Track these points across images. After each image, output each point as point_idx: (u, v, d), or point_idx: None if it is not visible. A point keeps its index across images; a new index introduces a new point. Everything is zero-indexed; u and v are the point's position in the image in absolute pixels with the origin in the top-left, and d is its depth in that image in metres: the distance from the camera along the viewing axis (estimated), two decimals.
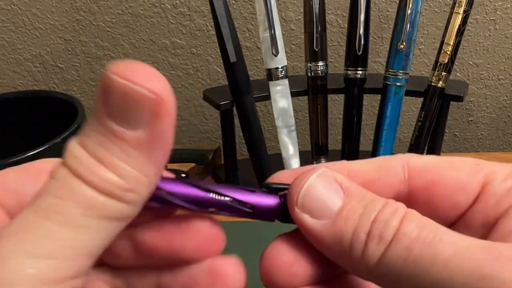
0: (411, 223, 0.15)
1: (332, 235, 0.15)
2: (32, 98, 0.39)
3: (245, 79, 0.44)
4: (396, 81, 0.45)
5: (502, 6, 0.56)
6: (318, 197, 0.16)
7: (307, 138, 0.63)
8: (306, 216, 0.16)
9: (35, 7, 0.57)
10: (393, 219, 0.15)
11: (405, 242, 0.14)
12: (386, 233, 0.15)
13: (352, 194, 0.16)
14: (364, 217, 0.15)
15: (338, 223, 0.15)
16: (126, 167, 0.14)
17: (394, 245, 0.14)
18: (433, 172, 0.17)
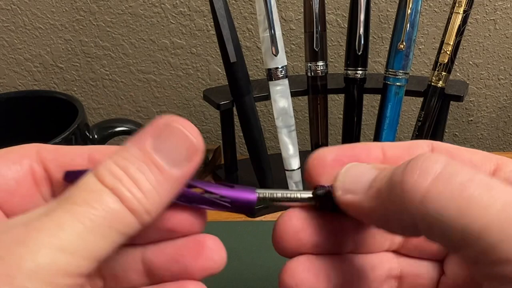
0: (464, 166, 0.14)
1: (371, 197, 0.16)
2: (32, 98, 0.39)
3: (245, 79, 0.44)
4: (396, 81, 0.45)
5: (502, 6, 0.56)
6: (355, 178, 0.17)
7: (307, 138, 0.63)
8: (349, 195, 0.17)
9: (35, 7, 0.57)
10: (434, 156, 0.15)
11: (459, 179, 0.14)
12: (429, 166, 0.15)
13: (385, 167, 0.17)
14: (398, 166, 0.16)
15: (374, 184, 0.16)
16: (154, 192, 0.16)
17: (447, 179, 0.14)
18: (452, 152, 0.19)
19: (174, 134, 0.17)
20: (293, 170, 0.46)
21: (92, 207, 0.15)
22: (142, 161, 0.16)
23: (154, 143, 0.16)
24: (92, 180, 0.16)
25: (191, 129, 0.17)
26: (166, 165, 0.16)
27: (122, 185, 0.15)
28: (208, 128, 0.65)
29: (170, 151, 0.16)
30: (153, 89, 0.62)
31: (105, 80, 0.62)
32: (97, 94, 0.63)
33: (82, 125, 0.34)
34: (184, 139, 0.17)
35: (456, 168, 0.14)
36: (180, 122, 0.17)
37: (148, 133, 0.17)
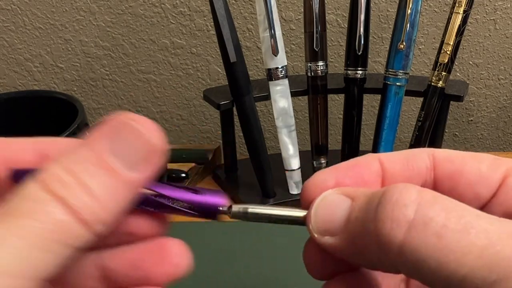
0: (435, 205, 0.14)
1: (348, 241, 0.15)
2: (32, 98, 0.39)
3: (245, 79, 0.44)
4: (396, 81, 0.45)
5: (502, 6, 0.56)
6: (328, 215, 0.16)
7: (307, 138, 0.63)
8: (326, 238, 0.16)
9: (35, 7, 0.57)
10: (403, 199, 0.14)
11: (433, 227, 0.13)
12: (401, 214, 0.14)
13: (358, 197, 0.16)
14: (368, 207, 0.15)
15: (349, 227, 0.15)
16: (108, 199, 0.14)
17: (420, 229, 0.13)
18: (457, 162, 0.18)
19: (131, 134, 0.15)
20: (293, 170, 0.46)
21: (35, 220, 0.13)
22: (95, 164, 0.14)
23: (108, 144, 0.15)
24: (35, 188, 0.14)
25: (149, 127, 0.15)
26: (122, 168, 0.15)
27: (71, 193, 0.14)
28: (208, 128, 0.65)
29: (126, 153, 0.15)
30: (153, 89, 0.62)
31: (105, 80, 0.62)
32: (97, 94, 0.63)
33: (82, 125, 0.34)
34: (141, 139, 0.15)
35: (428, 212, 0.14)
36: (137, 121, 0.15)
37: (103, 133, 0.15)
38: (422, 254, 0.13)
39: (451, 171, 0.18)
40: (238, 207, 0.17)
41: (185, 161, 0.51)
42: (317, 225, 0.16)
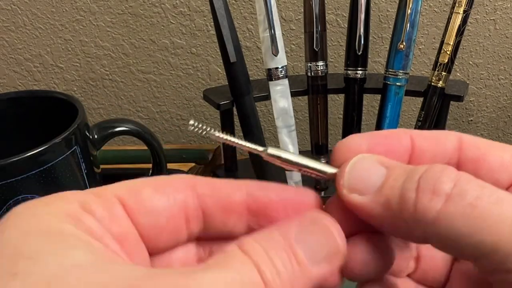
0: (471, 182, 0.15)
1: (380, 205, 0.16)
2: (32, 98, 0.39)
3: (245, 79, 0.44)
4: (396, 81, 0.45)
5: (502, 6, 0.56)
6: (362, 176, 0.17)
7: (307, 138, 0.63)
8: (354, 195, 0.17)
9: (35, 7, 0.57)
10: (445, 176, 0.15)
11: (468, 198, 0.14)
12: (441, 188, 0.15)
13: (394, 167, 0.17)
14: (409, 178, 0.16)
15: (384, 192, 0.16)
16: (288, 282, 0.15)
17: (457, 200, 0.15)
18: (482, 148, 0.18)
19: (320, 230, 0.16)
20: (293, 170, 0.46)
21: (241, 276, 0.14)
22: (283, 248, 0.15)
23: (298, 234, 0.16)
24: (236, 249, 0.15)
25: (337, 228, 0.16)
26: (306, 260, 0.15)
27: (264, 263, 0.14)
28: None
29: (312, 247, 0.16)
30: (153, 89, 0.62)
31: (105, 80, 0.62)
32: (97, 94, 0.63)
33: (82, 125, 0.34)
34: (329, 237, 0.16)
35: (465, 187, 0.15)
36: (328, 220, 0.16)
37: (294, 223, 0.16)
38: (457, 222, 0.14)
39: (475, 156, 0.18)
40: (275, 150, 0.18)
41: (185, 161, 0.51)
42: (349, 182, 0.17)
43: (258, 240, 0.15)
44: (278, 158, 0.18)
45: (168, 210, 0.17)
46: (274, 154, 0.18)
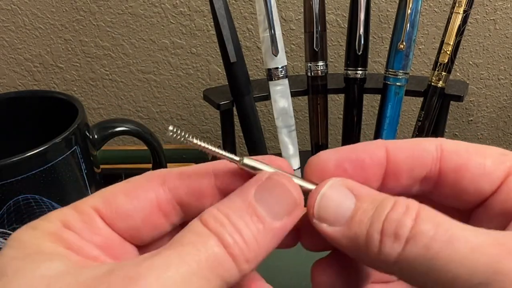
0: (427, 222, 0.15)
1: (349, 239, 0.17)
2: (32, 98, 0.39)
3: (245, 79, 0.44)
4: (396, 81, 0.45)
5: (502, 6, 0.56)
6: (331, 207, 0.17)
7: (307, 138, 0.63)
8: (324, 225, 0.17)
9: (35, 7, 0.57)
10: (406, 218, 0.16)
11: (423, 240, 0.15)
12: (401, 231, 0.15)
13: (363, 197, 0.17)
14: (375, 217, 0.16)
15: (352, 227, 0.17)
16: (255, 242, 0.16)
17: (413, 243, 0.15)
18: (463, 156, 0.18)
19: (277, 188, 0.17)
20: (293, 170, 0.46)
21: (197, 249, 0.15)
22: (245, 210, 0.16)
23: (257, 195, 0.17)
24: (198, 225, 0.16)
25: (293, 184, 0.17)
26: (268, 217, 0.16)
27: (225, 231, 0.16)
28: (208, 128, 0.65)
29: (272, 204, 0.17)
30: (153, 89, 0.62)
31: (105, 80, 0.62)
32: (97, 94, 0.63)
33: (82, 125, 0.34)
34: (286, 193, 0.17)
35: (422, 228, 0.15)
36: (282, 176, 0.17)
37: (252, 185, 0.17)
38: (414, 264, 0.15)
39: (456, 164, 0.18)
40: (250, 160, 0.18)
41: (185, 161, 0.51)
42: (319, 212, 0.18)
43: (219, 208, 0.16)
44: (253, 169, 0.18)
45: (142, 211, 0.18)
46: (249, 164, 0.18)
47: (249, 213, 0.16)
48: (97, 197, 0.18)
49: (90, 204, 0.18)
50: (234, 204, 0.17)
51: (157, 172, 0.19)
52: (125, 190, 0.18)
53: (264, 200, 0.17)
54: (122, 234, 0.18)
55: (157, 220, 0.18)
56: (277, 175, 0.18)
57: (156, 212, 0.18)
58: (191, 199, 0.19)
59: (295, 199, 0.17)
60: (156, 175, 0.19)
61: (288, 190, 0.17)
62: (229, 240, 0.15)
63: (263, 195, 0.17)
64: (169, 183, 0.18)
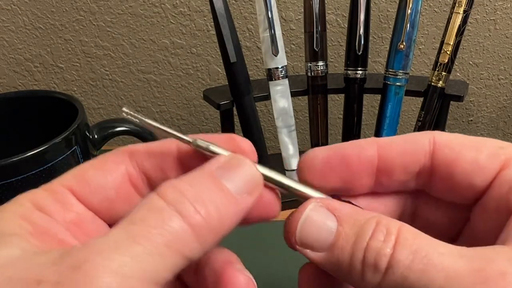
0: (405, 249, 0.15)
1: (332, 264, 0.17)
2: (32, 98, 0.39)
3: (245, 79, 0.44)
4: (396, 81, 0.45)
5: (502, 6, 0.56)
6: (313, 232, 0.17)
7: (307, 138, 0.63)
8: (307, 251, 0.17)
9: (35, 7, 0.57)
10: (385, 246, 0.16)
11: (400, 269, 0.15)
12: (380, 262, 0.16)
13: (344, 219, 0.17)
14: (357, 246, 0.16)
15: (335, 253, 0.17)
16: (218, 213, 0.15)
17: (390, 273, 0.15)
18: (455, 149, 0.18)
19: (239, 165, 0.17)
20: (293, 170, 0.46)
21: (150, 226, 0.14)
22: (209, 182, 0.16)
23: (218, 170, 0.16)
24: (153, 197, 0.15)
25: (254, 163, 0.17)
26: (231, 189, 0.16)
27: (184, 199, 0.15)
28: (208, 128, 0.65)
29: (235, 180, 0.16)
30: (153, 89, 0.62)
31: (105, 80, 0.62)
32: (97, 94, 0.63)
33: (82, 125, 0.34)
34: (250, 171, 0.17)
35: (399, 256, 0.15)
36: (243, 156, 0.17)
37: (213, 163, 0.17)
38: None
39: (449, 159, 0.18)
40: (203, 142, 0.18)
41: None
42: (301, 239, 0.18)
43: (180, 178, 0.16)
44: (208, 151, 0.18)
45: (113, 182, 0.18)
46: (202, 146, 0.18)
47: (212, 183, 0.16)
48: (68, 176, 0.18)
49: (62, 183, 0.18)
50: (196, 175, 0.16)
51: (125, 147, 0.19)
52: (95, 165, 0.18)
53: (227, 176, 0.16)
54: (95, 209, 0.18)
55: (129, 192, 0.18)
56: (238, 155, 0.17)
57: (127, 184, 0.18)
58: (156, 172, 0.19)
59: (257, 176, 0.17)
60: (124, 150, 0.19)
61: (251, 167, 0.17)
62: (190, 209, 0.15)
63: (226, 171, 0.17)
64: (136, 158, 0.19)
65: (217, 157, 0.17)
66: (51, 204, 0.17)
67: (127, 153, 0.19)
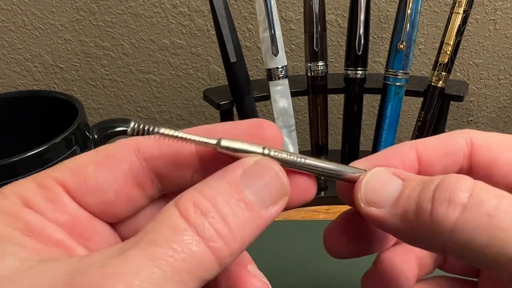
0: (488, 191, 0.15)
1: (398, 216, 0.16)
2: (32, 98, 0.39)
3: (245, 79, 0.44)
4: (396, 81, 0.45)
5: (502, 6, 0.56)
6: (378, 189, 0.17)
7: (307, 138, 0.63)
8: (372, 208, 0.17)
9: (35, 7, 0.57)
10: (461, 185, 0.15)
11: (485, 208, 0.14)
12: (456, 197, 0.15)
13: (410, 179, 0.17)
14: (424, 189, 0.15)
15: (400, 203, 0.16)
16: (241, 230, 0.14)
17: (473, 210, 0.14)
18: (495, 150, 0.18)
19: (266, 173, 0.15)
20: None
21: (172, 249, 0.13)
22: (231, 195, 0.14)
23: (244, 178, 0.15)
24: (174, 214, 0.14)
25: (281, 169, 0.16)
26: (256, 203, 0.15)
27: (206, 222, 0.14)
28: None
29: (260, 190, 0.15)
30: (153, 89, 0.62)
31: (105, 80, 0.62)
32: (97, 94, 0.63)
33: (82, 125, 0.34)
34: (276, 180, 0.16)
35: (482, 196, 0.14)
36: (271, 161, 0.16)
37: (237, 167, 0.15)
38: (473, 232, 0.14)
39: (487, 161, 0.18)
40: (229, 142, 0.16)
41: None
42: (366, 196, 0.17)
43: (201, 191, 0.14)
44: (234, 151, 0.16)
45: (114, 183, 0.16)
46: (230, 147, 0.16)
47: (236, 198, 0.14)
48: (62, 169, 0.16)
49: (55, 177, 0.16)
50: (218, 186, 0.15)
51: (131, 140, 0.17)
52: (95, 160, 0.16)
53: (252, 185, 0.15)
54: (92, 210, 0.16)
55: (132, 193, 0.17)
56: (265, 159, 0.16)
57: (130, 184, 0.16)
58: (170, 169, 0.17)
59: (284, 186, 0.16)
60: (130, 143, 0.17)
61: (279, 176, 0.16)
62: (211, 233, 0.14)
63: (250, 179, 0.15)
64: (144, 152, 0.16)
65: (241, 161, 0.16)
66: (42, 203, 0.15)
67: (134, 147, 0.16)
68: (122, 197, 0.16)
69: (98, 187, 0.16)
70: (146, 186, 0.17)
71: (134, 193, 0.17)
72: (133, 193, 0.17)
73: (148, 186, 0.17)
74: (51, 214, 0.15)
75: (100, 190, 0.16)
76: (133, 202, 0.17)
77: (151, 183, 0.17)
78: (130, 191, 0.16)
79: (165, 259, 0.13)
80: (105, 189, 0.16)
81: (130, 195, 0.17)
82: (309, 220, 0.46)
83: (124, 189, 0.16)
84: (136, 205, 0.17)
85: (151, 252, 0.13)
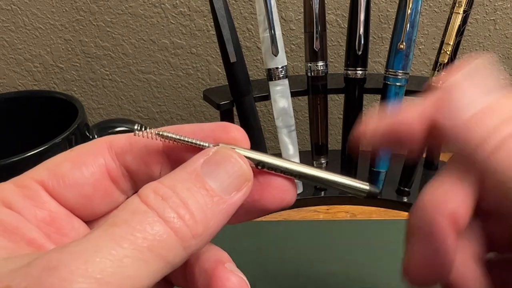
0: None
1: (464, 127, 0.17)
2: (32, 98, 0.39)
3: (245, 79, 0.44)
4: (396, 81, 0.45)
5: (502, 6, 0.56)
6: None
7: (307, 138, 0.63)
8: None
9: (35, 7, 0.57)
10: None
11: None
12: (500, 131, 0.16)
13: None
14: None
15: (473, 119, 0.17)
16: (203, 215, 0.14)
17: None
18: None
19: (226, 160, 0.16)
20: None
21: (132, 228, 0.13)
22: (191, 182, 0.15)
23: (204, 167, 0.15)
24: (135, 201, 0.14)
25: (243, 158, 0.16)
26: (217, 190, 0.15)
27: (167, 205, 0.14)
28: None
29: (221, 178, 0.15)
30: (153, 89, 0.62)
31: (105, 80, 0.62)
32: (97, 94, 0.63)
33: (82, 125, 0.34)
34: (237, 167, 0.16)
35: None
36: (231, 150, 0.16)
37: (198, 158, 0.16)
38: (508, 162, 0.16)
39: None
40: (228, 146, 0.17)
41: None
42: None
43: (161, 181, 0.15)
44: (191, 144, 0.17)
45: (91, 177, 0.17)
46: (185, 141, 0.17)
47: (196, 185, 0.15)
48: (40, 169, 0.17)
49: (33, 177, 0.16)
50: (179, 176, 0.15)
51: (104, 138, 0.18)
52: (71, 157, 0.17)
53: (212, 173, 0.15)
54: (71, 207, 0.17)
55: (108, 187, 0.17)
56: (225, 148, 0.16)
57: (106, 179, 0.17)
58: (139, 164, 0.17)
59: (245, 172, 0.16)
60: (102, 140, 0.17)
61: (239, 163, 0.16)
62: (171, 215, 0.14)
63: (211, 168, 0.15)
64: (116, 148, 0.17)
65: (202, 152, 0.16)
66: (20, 201, 0.16)
67: (106, 144, 0.17)
68: (99, 191, 0.17)
69: (76, 182, 0.17)
70: (119, 181, 0.17)
71: (110, 188, 0.17)
72: (109, 188, 0.17)
73: (121, 181, 0.18)
74: (29, 211, 0.16)
75: (78, 185, 0.17)
76: (109, 197, 0.17)
77: (123, 178, 0.18)
78: (107, 185, 0.17)
79: (126, 237, 0.13)
80: (83, 183, 0.17)
81: (107, 190, 0.17)
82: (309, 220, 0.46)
83: (101, 183, 0.17)
84: (112, 199, 0.18)
85: (111, 232, 0.13)
